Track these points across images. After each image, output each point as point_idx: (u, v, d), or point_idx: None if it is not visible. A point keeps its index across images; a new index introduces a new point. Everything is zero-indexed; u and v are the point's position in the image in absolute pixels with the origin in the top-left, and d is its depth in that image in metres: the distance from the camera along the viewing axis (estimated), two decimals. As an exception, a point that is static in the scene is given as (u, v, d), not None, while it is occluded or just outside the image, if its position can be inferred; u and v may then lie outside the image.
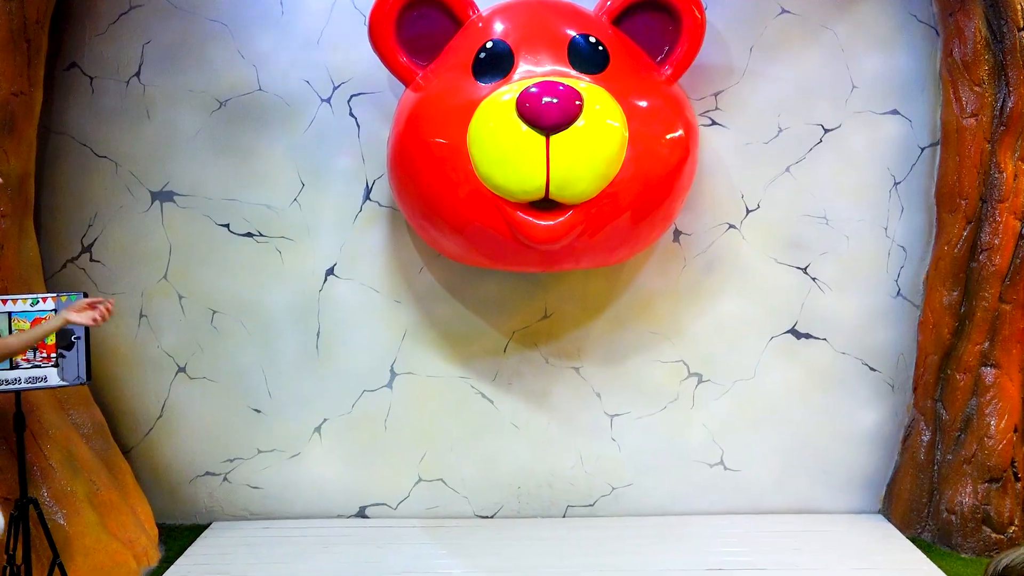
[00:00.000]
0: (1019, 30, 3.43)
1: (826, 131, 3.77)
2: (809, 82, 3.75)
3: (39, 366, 2.93)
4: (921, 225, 3.80)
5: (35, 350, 2.94)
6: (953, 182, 3.61)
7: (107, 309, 2.62)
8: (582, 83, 3.08)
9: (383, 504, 3.92)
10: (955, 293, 3.65)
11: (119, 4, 3.69)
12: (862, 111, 3.76)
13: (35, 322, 2.92)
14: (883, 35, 3.73)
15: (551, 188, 3.03)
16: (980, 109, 3.52)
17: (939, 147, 3.71)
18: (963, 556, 3.58)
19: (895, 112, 3.76)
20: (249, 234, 3.79)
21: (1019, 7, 3.43)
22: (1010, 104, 3.48)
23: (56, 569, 2.96)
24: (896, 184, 3.79)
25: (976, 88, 3.53)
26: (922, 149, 3.77)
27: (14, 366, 2.91)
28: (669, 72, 3.42)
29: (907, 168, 3.78)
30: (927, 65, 3.72)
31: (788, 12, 3.73)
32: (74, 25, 3.69)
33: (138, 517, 3.54)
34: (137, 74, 3.71)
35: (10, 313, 2.90)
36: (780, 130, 3.77)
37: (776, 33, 3.73)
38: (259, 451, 3.89)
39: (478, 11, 3.43)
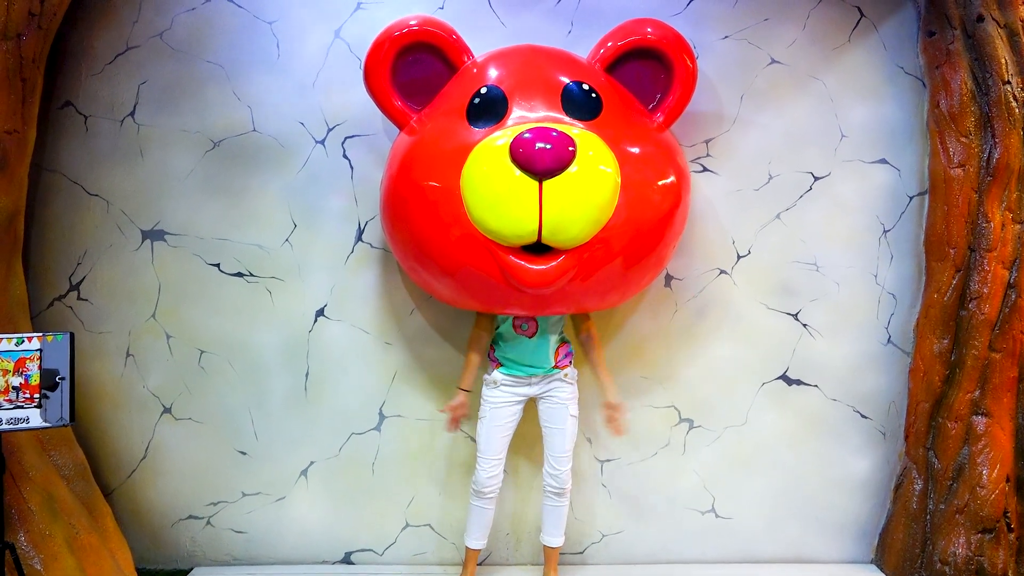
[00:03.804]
0: (1004, 83, 3.50)
1: (816, 179, 3.81)
2: (799, 131, 3.80)
3: (21, 407, 2.88)
4: (910, 273, 3.83)
5: (18, 390, 2.90)
6: (941, 231, 3.65)
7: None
8: (575, 129, 3.11)
9: (369, 550, 3.85)
10: (945, 341, 3.67)
11: (116, 44, 3.72)
12: (851, 160, 3.81)
13: (19, 362, 2.88)
14: (871, 86, 3.79)
15: (544, 233, 3.03)
16: (967, 159, 3.57)
17: (927, 196, 3.75)
18: (957, 608, 3.54)
19: (884, 161, 3.81)
20: (240, 274, 3.77)
21: (1003, 60, 3.50)
22: (996, 155, 3.53)
23: (31, 617, 2.88)
24: (885, 232, 3.83)
25: (963, 139, 3.58)
26: (911, 198, 3.82)
27: (-4, 406, 2.86)
28: (661, 119, 3.46)
29: (896, 216, 3.82)
30: (915, 116, 3.78)
31: (777, 63, 3.79)
32: (70, 64, 3.71)
33: (118, 562, 3.45)
34: (132, 114, 3.72)
35: (-6, 352, 2.85)
36: (770, 177, 3.81)
37: (766, 83, 3.79)
38: (244, 494, 3.82)
39: (473, 57, 3.47)
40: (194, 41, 3.72)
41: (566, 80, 3.32)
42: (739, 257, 3.82)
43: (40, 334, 2.93)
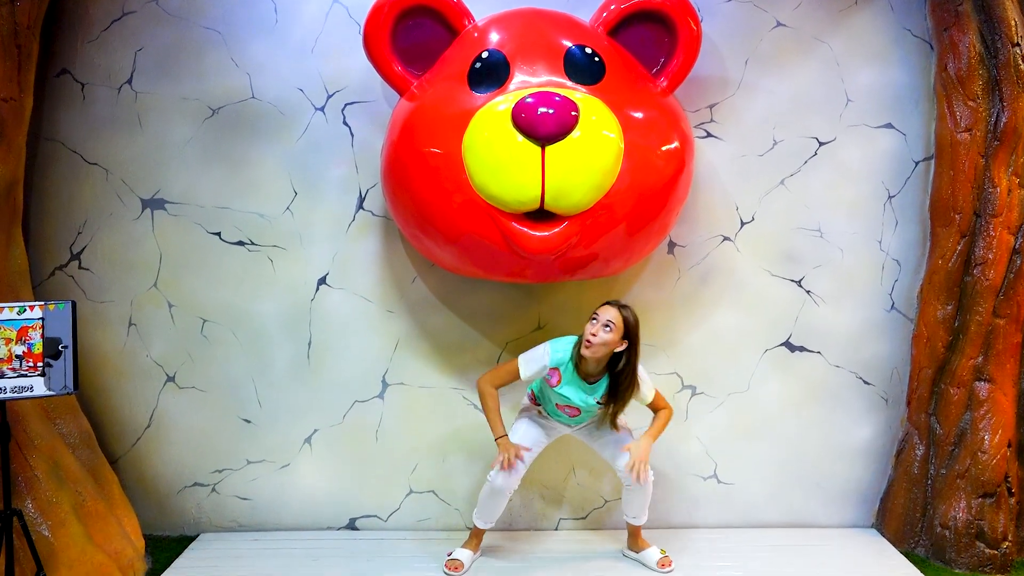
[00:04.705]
0: (1013, 45, 3.45)
1: (821, 144, 3.78)
2: (804, 95, 3.75)
3: (25, 375, 2.89)
4: (915, 239, 3.80)
5: (21, 358, 2.90)
6: (947, 196, 3.62)
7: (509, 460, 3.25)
8: (578, 94, 3.07)
9: (374, 516, 3.89)
10: (949, 307, 3.66)
11: (112, 10, 3.66)
12: (856, 124, 3.77)
13: (21, 331, 2.88)
14: (878, 49, 3.74)
15: (546, 199, 3.02)
16: (974, 124, 3.53)
17: (933, 161, 3.72)
18: (957, 571, 3.57)
19: (889, 126, 3.77)
20: (241, 243, 3.76)
21: (1013, 23, 3.44)
22: (1004, 119, 3.49)
23: (40, 582, 2.92)
24: (890, 197, 3.80)
25: (970, 103, 3.54)
26: (916, 163, 3.78)
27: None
28: (665, 84, 3.42)
29: (901, 182, 3.79)
30: (921, 79, 3.74)
31: (783, 25, 3.73)
32: (66, 31, 3.66)
33: (124, 528, 3.49)
34: (129, 81, 3.68)
35: (-4, 321, 2.86)
36: (775, 143, 3.77)
37: (771, 46, 3.73)
38: (248, 462, 3.85)
39: (474, 21, 3.42)
40: (190, 6, 3.67)
41: (569, 44, 3.28)
42: (743, 224, 3.80)
43: (42, 303, 2.93)
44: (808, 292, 3.83)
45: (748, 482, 3.90)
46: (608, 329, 3.12)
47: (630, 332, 3.15)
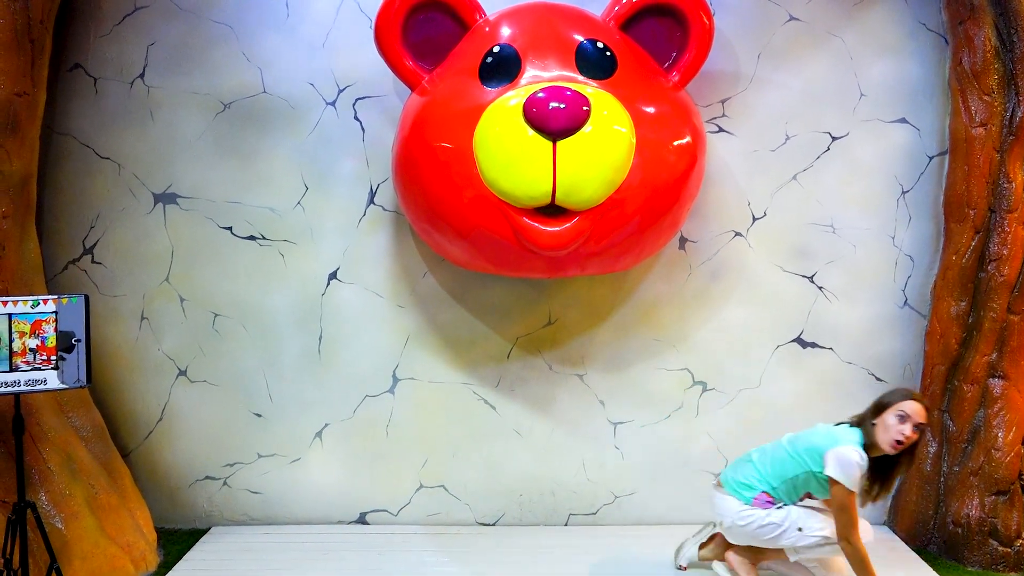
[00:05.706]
0: (1029, 39, 3.41)
1: (834, 139, 3.75)
2: (817, 90, 3.73)
3: (39, 368, 2.91)
4: (929, 234, 3.78)
5: (35, 352, 2.92)
6: (961, 192, 3.59)
7: None
8: (589, 88, 3.06)
9: (384, 510, 3.89)
10: (963, 303, 3.63)
11: (124, 5, 3.67)
12: (870, 119, 3.74)
13: (35, 325, 2.90)
14: (892, 43, 3.71)
15: (557, 194, 3.01)
16: (989, 118, 3.50)
17: (947, 156, 3.69)
18: (970, 569, 3.55)
19: (903, 121, 3.74)
20: (252, 237, 3.77)
21: (1029, 16, 3.41)
22: (1019, 113, 3.46)
23: (53, 574, 2.93)
24: (904, 193, 3.77)
25: (985, 97, 3.51)
26: (930, 158, 3.75)
27: (13, 368, 2.88)
28: (677, 78, 3.40)
29: (915, 177, 3.76)
30: (936, 74, 3.70)
31: (796, 19, 3.71)
32: (78, 26, 3.67)
33: (137, 521, 3.51)
34: (141, 75, 3.69)
35: (10, 315, 2.87)
36: (787, 138, 3.75)
37: (784, 40, 3.71)
38: (259, 455, 3.86)
39: (485, 15, 3.42)
40: (202, 1, 3.67)
41: (580, 38, 3.26)
42: (754, 219, 3.78)
43: (55, 297, 2.94)
44: (820, 288, 3.81)
45: (759, 478, 3.89)
46: (918, 430, 3.03)
47: (925, 425, 3.09)
